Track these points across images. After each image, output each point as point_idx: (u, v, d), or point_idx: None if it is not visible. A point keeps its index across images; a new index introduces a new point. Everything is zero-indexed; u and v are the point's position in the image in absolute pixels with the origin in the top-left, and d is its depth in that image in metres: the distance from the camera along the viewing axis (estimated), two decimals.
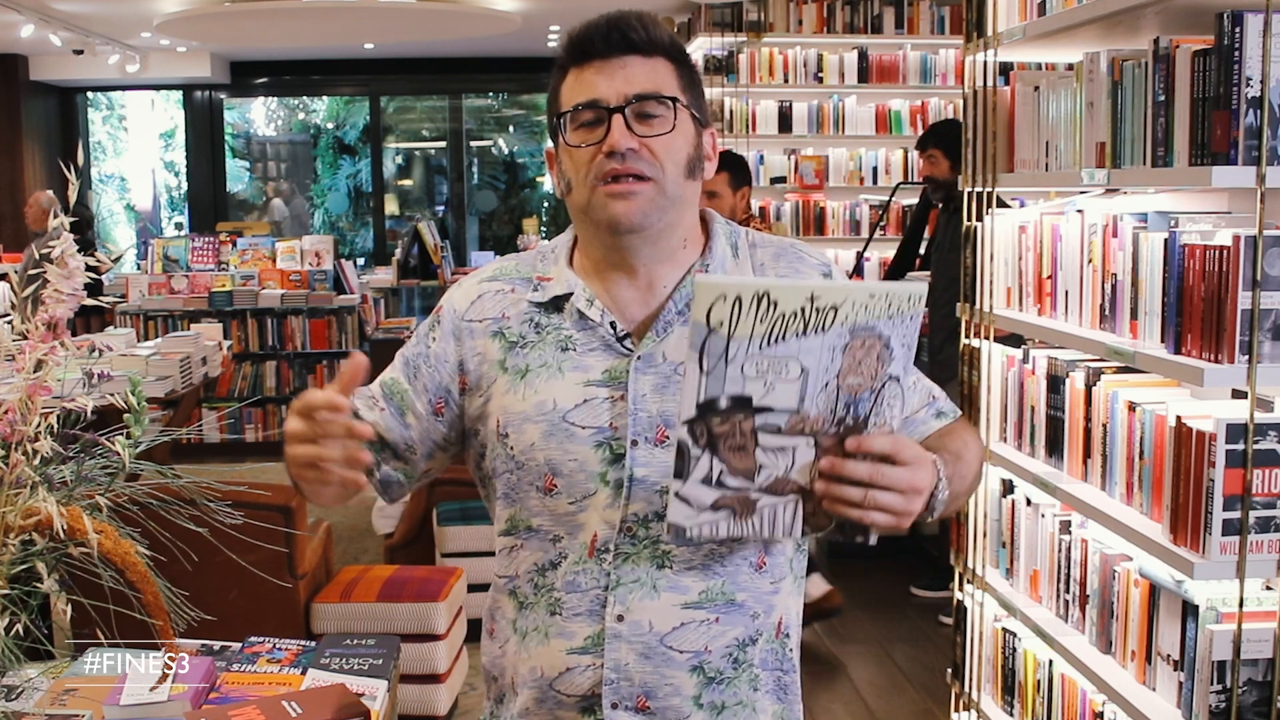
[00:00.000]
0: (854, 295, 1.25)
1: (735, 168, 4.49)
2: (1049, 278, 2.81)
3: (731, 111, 8.20)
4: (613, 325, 1.53)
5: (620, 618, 1.49)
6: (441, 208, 14.73)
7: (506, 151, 15.27)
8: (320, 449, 1.34)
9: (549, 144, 1.61)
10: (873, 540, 1.40)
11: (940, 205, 5.25)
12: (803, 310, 1.24)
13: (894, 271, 6.11)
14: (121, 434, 1.45)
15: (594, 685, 1.50)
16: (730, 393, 1.28)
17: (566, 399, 1.51)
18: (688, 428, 1.30)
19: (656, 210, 1.50)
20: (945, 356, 4.87)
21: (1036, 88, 2.85)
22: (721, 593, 1.51)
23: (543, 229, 13.99)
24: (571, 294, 1.55)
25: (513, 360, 1.55)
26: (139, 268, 8.40)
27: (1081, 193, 3.02)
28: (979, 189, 3.13)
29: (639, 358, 1.51)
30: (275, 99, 15.12)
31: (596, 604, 1.50)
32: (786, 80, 8.07)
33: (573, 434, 1.50)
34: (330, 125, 15.37)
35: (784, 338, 1.25)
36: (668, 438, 1.48)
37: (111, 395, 1.47)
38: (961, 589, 3.26)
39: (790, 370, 1.27)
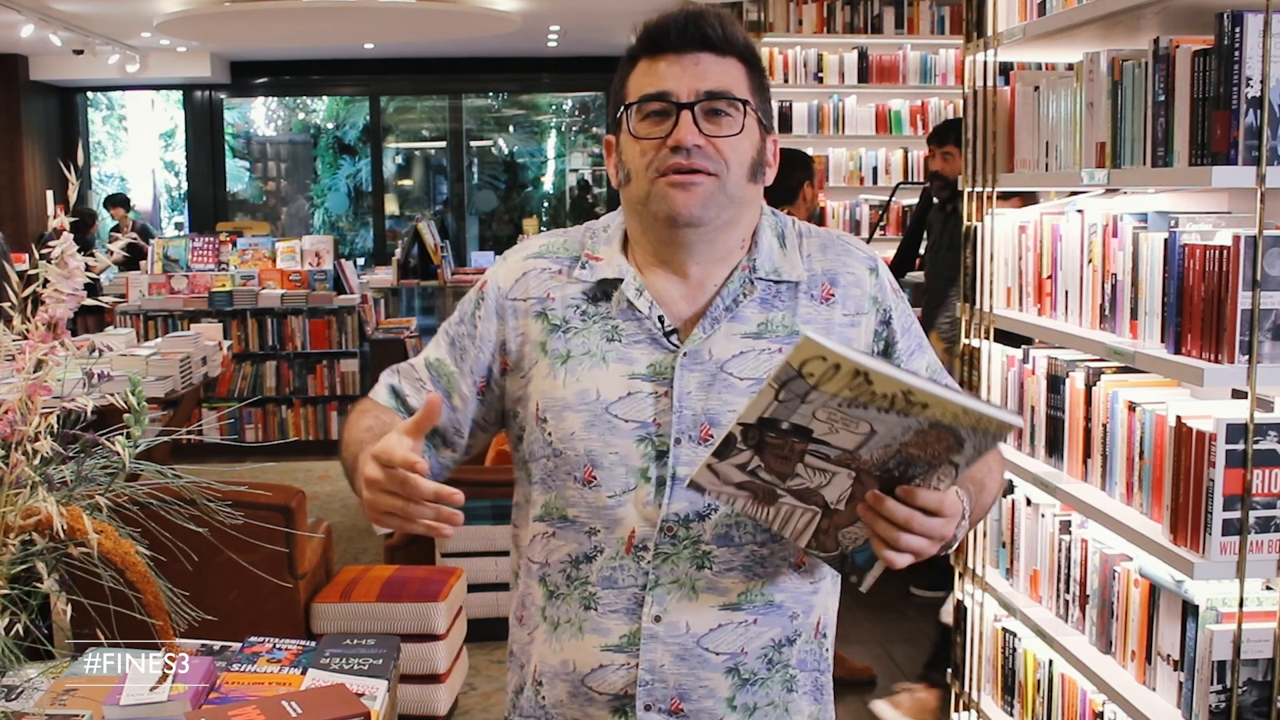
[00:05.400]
0: (947, 405, 1.23)
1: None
2: (1049, 278, 2.81)
3: None
4: (660, 319, 1.51)
5: (657, 619, 1.47)
6: (441, 208, 14.73)
7: (506, 151, 15.26)
8: (408, 507, 1.31)
9: (609, 133, 1.58)
10: (864, 587, 1.42)
11: (939, 203, 5.21)
12: (892, 398, 1.23)
13: (893, 271, 6.08)
14: (121, 434, 1.45)
15: (627, 685, 1.48)
16: (795, 422, 1.27)
17: (610, 390, 1.49)
18: (742, 429, 1.29)
19: (716, 206, 1.47)
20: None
21: (1036, 88, 2.85)
22: (761, 594, 1.49)
23: (543, 229, 14.00)
24: (621, 280, 1.52)
25: (554, 344, 1.52)
26: (139, 268, 8.40)
27: (1073, 193, 3.02)
28: (979, 189, 3.13)
29: (685, 354, 1.49)
30: (275, 99, 15.13)
31: (633, 602, 1.48)
32: (786, 80, 8.06)
33: (615, 426, 1.48)
34: (330, 125, 15.38)
35: (865, 407, 1.24)
36: (712, 435, 1.46)
37: (111, 395, 1.47)
38: (961, 589, 3.26)
39: (860, 427, 1.26)
